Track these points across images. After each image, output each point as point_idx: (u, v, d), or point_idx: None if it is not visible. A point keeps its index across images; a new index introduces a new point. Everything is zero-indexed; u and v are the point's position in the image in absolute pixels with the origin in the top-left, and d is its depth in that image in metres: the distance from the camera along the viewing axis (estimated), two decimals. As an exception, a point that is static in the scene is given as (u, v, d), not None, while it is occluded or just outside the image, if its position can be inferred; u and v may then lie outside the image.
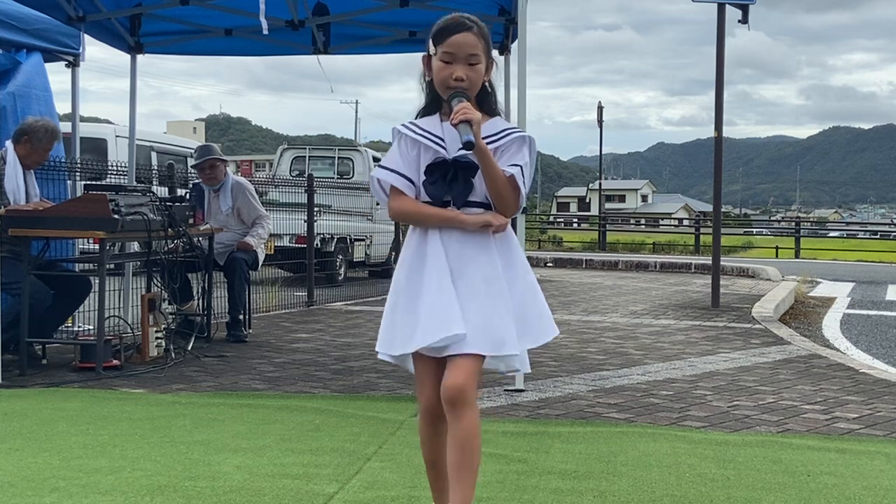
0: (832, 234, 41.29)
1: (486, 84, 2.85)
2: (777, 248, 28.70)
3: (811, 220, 60.83)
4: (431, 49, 2.80)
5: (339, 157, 15.88)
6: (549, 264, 18.89)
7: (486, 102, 2.85)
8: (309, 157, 15.88)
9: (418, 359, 2.80)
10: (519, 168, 2.76)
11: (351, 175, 15.36)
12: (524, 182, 2.76)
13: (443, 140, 2.79)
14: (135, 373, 5.89)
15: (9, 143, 6.23)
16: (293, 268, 12.48)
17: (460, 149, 2.69)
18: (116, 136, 14.10)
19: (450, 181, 2.77)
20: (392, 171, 2.81)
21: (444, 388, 2.69)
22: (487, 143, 2.75)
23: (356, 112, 67.42)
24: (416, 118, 2.89)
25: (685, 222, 47.56)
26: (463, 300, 2.71)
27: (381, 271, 15.10)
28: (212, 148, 7.89)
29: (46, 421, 4.54)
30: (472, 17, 2.81)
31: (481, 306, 2.72)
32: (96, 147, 13.33)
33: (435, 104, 2.85)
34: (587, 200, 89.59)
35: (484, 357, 2.74)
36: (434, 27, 2.81)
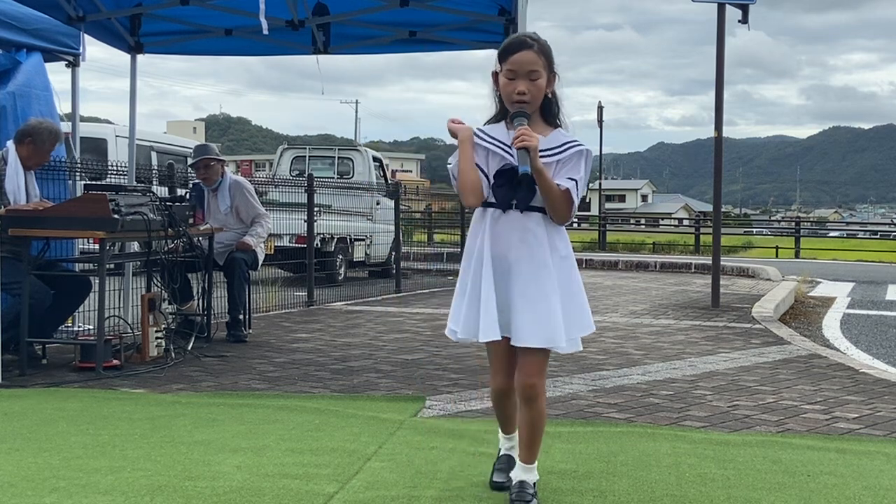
0: (832, 234, 41.27)
1: (549, 95, 3.17)
2: (777, 247, 28.69)
3: (811, 220, 60.83)
4: (497, 66, 3.14)
5: (339, 157, 15.88)
6: (549, 264, 18.84)
7: (547, 113, 3.20)
8: (309, 157, 15.88)
9: (490, 345, 3.22)
10: (574, 182, 3.10)
11: (351, 175, 15.36)
12: (577, 194, 3.10)
13: (510, 147, 3.10)
14: (135, 373, 5.89)
15: (10, 144, 6.22)
16: (293, 268, 12.48)
17: (520, 176, 3.01)
18: (116, 136, 14.10)
19: (516, 186, 3.10)
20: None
21: (518, 385, 3.21)
22: (548, 156, 3.10)
23: (356, 112, 67.51)
24: (484, 125, 3.24)
25: (685, 222, 47.55)
26: (514, 296, 3.12)
27: (381, 271, 15.09)
28: (208, 147, 7.89)
29: (46, 421, 4.54)
30: (534, 36, 3.13)
31: (529, 303, 3.10)
32: (96, 147, 13.34)
33: (503, 114, 3.22)
34: (587, 200, 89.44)
35: (549, 350, 3.15)
36: (501, 46, 3.16)
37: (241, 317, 7.50)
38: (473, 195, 3.17)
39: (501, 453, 3.55)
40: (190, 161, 7.95)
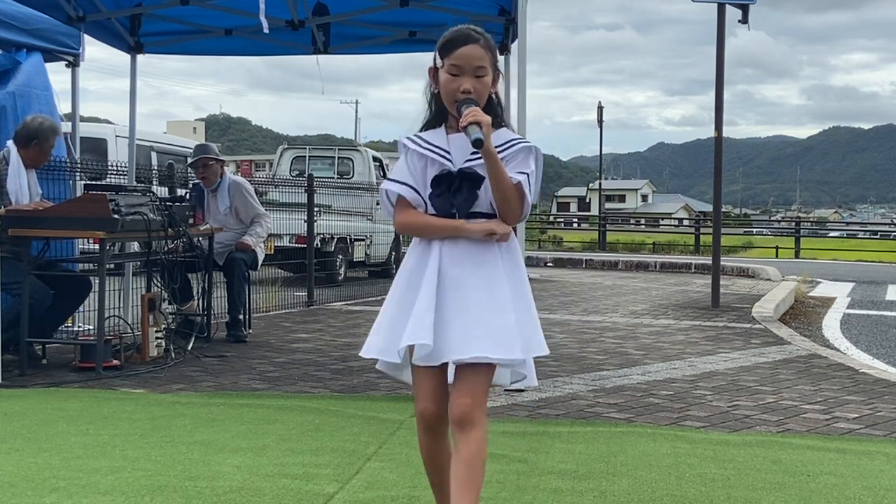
0: (832, 234, 41.25)
1: (493, 95, 2.83)
2: (777, 248, 28.69)
3: (811, 220, 60.81)
4: (438, 61, 2.78)
5: (339, 157, 15.87)
6: (549, 264, 18.88)
7: (492, 113, 2.81)
8: (309, 157, 15.88)
9: (415, 368, 2.77)
10: (525, 176, 2.75)
11: (351, 175, 15.36)
12: (530, 190, 2.75)
13: (449, 153, 2.77)
14: (135, 373, 5.88)
15: (10, 144, 6.22)
16: (293, 268, 12.48)
17: (472, 153, 2.70)
18: (116, 136, 14.11)
19: (454, 192, 2.75)
20: (400, 182, 2.79)
21: (451, 409, 2.70)
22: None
23: (356, 112, 67.47)
24: (420, 130, 2.86)
25: (685, 222, 47.55)
26: (461, 309, 2.69)
27: (381, 271, 15.09)
28: (207, 147, 7.89)
29: (46, 421, 4.54)
30: (479, 30, 2.80)
31: (483, 313, 2.68)
32: (96, 147, 13.34)
33: (440, 116, 2.83)
34: (587, 200, 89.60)
35: (493, 369, 2.72)
36: (440, 39, 2.80)
37: (241, 317, 7.50)
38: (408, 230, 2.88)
39: None
40: (189, 160, 7.95)
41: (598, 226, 32.14)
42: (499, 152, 2.73)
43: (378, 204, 14.95)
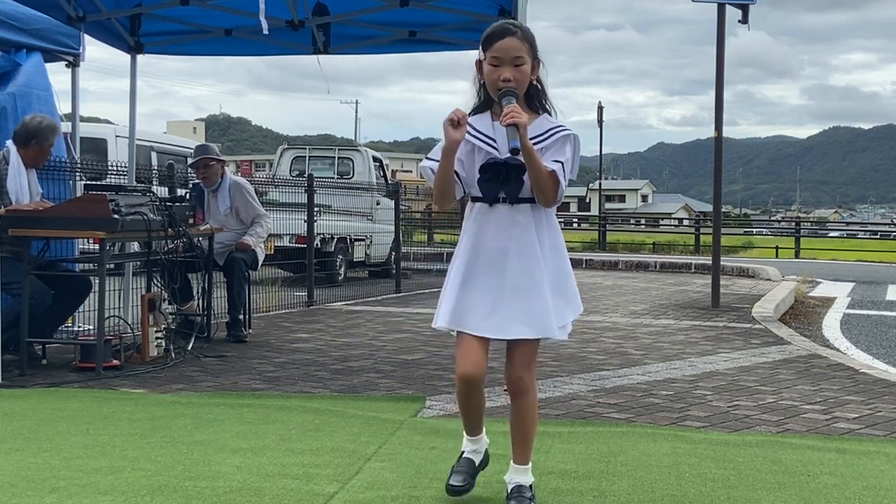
0: (832, 234, 41.23)
1: (534, 82, 3.12)
2: (777, 248, 28.69)
3: (811, 220, 60.79)
4: (481, 54, 3.09)
5: (339, 157, 15.87)
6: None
7: (533, 100, 3.15)
8: (309, 157, 15.88)
9: (460, 335, 3.13)
10: (560, 164, 3.06)
11: (351, 175, 15.36)
12: (564, 176, 3.07)
13: (494, 140, 3.09)
14: (135, 373, 5.88)
15: (10, 144, 6.22)
16: (293, 268, 12.48)
17: (509, 153, 2.96)
18: (116, 136, 14.11)
19: (503, 180, 3.07)
20: (436, 160, 3.10)
21: (508, 381, 3.18)
22: (534, 143, 3.03)
23: (356, 112, 67.48)
24: (469, 115, 3.13)
25: (685, 222, 47.54)
26: (509, 289, 3.08)
27: (381, 271, 15.09)
28: (208, 147, 7.89)
29: (46, 421, 4.54)
30: (517, 23, 3.13)
31: (527, 294, 3.08)
32: (96, 147, 13.33)
33: (486, 104, 3.16)
34: (587, 200, 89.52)
35: (538, 342, 3.14)
36: (483, 34, 3.10)
37: (241, 317, 7.50)
38: (442, 201, 3.21)
39: (464, 455, 3.39)
40: (189, 161, 7.96)
41: (598, 226, 32.13)
42: (539, 141, 3.07)
43: (378, 204, 14.99)
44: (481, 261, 3.11)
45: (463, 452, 3.39)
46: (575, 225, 50.63)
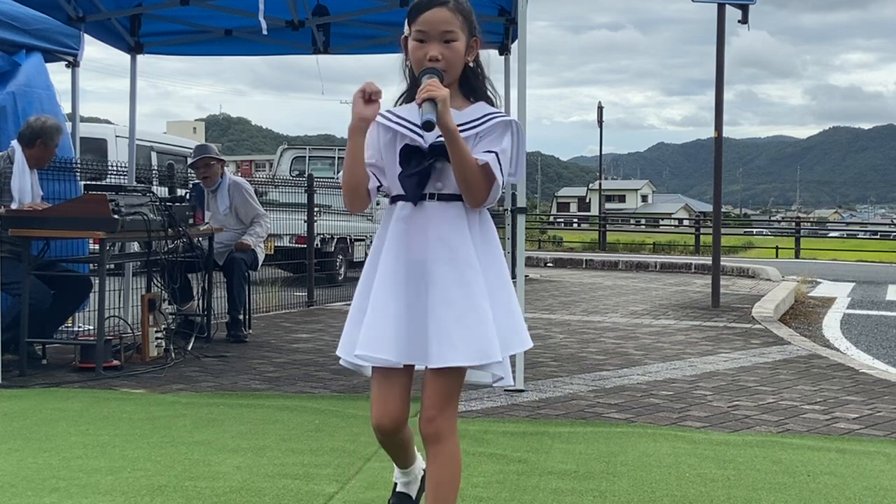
0: (832, 234, 41.27)
1: (470, 65, 2.55)
2: (777, 248, 28.68)
3: (811, 220, 60.79)
4: (406, 30, 2.55)
5: (339, 157, 15.87)
6: (549, 264, 18.89)
7: (467, 85, 2.55)
8: (309, 157, 15.89)
9: (374, 372, 2.56)
10: (494, 155, 2.43)
11: (351, 175, 15.34)
12: (501, 170, 2.44)
13: (420, 126, 2.42)
14: (135, 373, 5.88)
15: (15, 143, 6.23)
16: (293, 268, 12.48)
17: (420, 126, 2.40)
18: (116, 136, 14.10)
19: (428, 171, 2.48)
20: None
21: (420, 423, 2.49)
22: (465, 129, 2.46)
23: (356, 112, 67.34)
24: (395, 105, 2.60)
25: (685, 222, 47.56)
26: (438, 307, 2.45)
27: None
28: (207, 147, 7.90)
29: (46, 421, 4.54)
30: None
31: (457, 313, 2.43)
32: (96, 147, 13.34)
33: (415, 89, 2.46)
34: (587, 200, 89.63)
35: (463, 372, 2.50)
36: (409, 5, 2.56)
37: (241, 317, 7.50)
38: (351, 199, 2.53)
39: (397, 489, 2.89)
40: (189, 161, 7.96)
41: (598, 226, 32.12)
42: (471, 128, 2.47)
43: (378, 204, 14.98)
44: (402, 273, 2.48)
45: (396, 485, 2.90)
46: (575, 225, 50.66)
